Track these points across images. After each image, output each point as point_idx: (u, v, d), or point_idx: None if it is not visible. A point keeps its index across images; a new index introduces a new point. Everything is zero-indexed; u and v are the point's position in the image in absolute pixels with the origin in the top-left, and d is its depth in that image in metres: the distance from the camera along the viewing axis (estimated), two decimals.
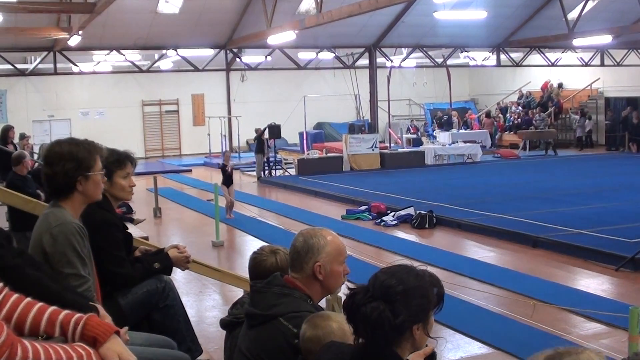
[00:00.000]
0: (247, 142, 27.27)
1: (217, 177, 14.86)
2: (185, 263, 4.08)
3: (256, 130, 20.05)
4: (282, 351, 2.53)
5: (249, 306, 2.74)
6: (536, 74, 29.57)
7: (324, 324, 2.43)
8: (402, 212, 12.45)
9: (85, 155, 3.08)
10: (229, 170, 13.61)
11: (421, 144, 24.01)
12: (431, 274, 2.18)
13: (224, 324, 3.28)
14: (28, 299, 1.78)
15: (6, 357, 1.42)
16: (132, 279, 3.74)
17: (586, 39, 20.71)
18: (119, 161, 3.81)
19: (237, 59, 25.26)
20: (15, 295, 1.76)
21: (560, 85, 29.38)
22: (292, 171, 20.50)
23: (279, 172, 20.57)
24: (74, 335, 1.71)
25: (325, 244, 2.67)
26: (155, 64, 25.12)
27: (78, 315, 1.75)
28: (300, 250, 2.68)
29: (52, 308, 1.77)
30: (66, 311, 1.77)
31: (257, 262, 3.18)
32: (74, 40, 18.79)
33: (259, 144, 19.78)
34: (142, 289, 3.76)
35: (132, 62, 24.14)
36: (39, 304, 1.78)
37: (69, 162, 3.04)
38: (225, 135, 26.16)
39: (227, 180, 13.53)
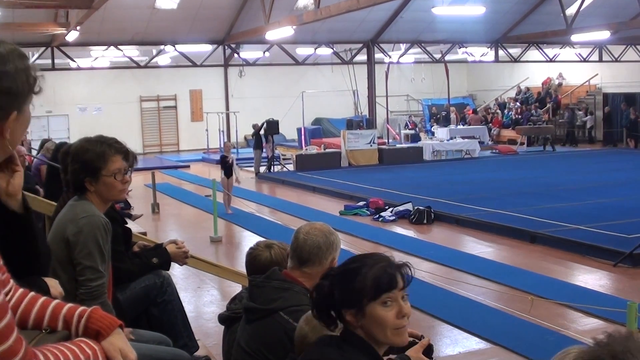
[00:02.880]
0: (245, 138, 27.23)
1: (215, 173, 14.84)
2: (183, 258, 4.07)
3: (254, 126, 20.01)
4: (282, 345, 2.54)
5: (248, 301, 2.74)
6: (534, 70, 29.57)
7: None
8: (400, 208, 12.44)
9: (92, 157, 3.06)
10: (230, 161, 13.57)
11: (419, 139, 24.01)
12: (385, 263, 1.98)
13: (222, 319, 3.29)
14: (32, 293, 1.76)
15: None
16: (131, 273, 3.74)
17: (584, 34, 20.72)
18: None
19: (235, 55, 25.21)
20: (21, 290, 1.75)
21: (560, 85, 29.38)
22: (290, 167, 20.49)
23: (277, 168, 20.56)
24: (77, 328, 1.69)
25: (338, 240, 2.83)
26: (153, 60, 25.07)
27: (82, 308, 1.73)
28: (322, 246, 2.74)
29: (56, 302, 1.76)
30: (69, 305, 1.75)
31: (252, 256, 3.21)
32: (72, 36, 18.75)
33: (257, 140, 19.73)
34: (141, 284, 3.76)
35: (130, 58, 24.08)
36: (43, 298, 1.76)
37: (75, 163, 3.07)
38: (223, 131, 26.15)
39: (228, 171, 13.48)
